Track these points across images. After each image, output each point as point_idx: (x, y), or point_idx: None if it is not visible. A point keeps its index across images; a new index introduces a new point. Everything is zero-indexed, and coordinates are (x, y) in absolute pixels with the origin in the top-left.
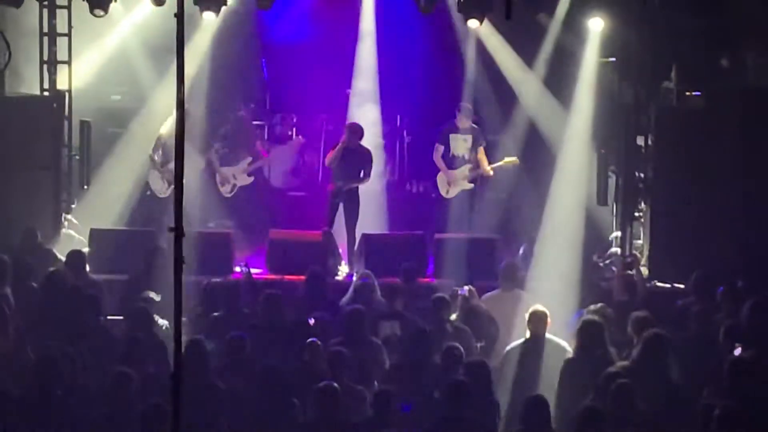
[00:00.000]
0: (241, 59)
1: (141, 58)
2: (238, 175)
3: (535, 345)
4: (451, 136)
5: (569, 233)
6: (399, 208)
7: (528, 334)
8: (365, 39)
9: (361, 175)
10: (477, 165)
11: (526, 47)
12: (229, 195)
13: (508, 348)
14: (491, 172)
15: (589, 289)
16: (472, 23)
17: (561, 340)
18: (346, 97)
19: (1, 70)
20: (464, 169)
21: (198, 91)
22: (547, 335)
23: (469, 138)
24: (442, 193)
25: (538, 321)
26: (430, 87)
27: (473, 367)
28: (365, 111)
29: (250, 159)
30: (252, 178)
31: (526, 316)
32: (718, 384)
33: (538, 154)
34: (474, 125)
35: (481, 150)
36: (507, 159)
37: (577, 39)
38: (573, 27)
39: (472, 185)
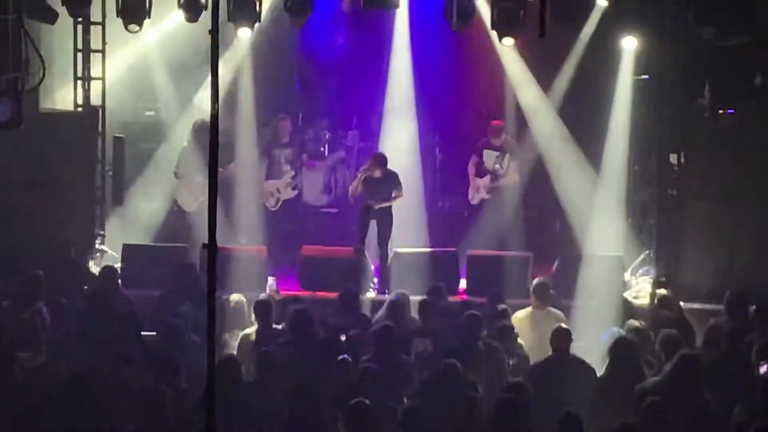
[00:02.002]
0: (274, 75)
1: (174, 74)
2: (282, 189)
3: (559, 362)
4: (485, 151)
5: (603, 250)
6: (431, 224)
7: (551, 352)
8: (398, 55)
9: (393, 194)
10: (496, 177)
11: (555, 64)
12: (274, 208)
13: (531, 365)
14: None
15: (622, 306)
16: (507, 41)
17: (584, 358)
18: (378, 114)
19: (36, 87)
20: (486, 180)
21: (233, 106)
22: (571, 353)
23: (501, 154)
24: (470, 198)
25: (561, 338)
26: (462, 104)
27: (514, 387)
28: (400, 126)
29: (293, 172)
30: (296, 192)
31: (549, 333)
32: (749, 403)
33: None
34: (506, 141)
35: (513, 165)
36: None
37: (608, 57)
38: (604, 45)
39: (488, 195)
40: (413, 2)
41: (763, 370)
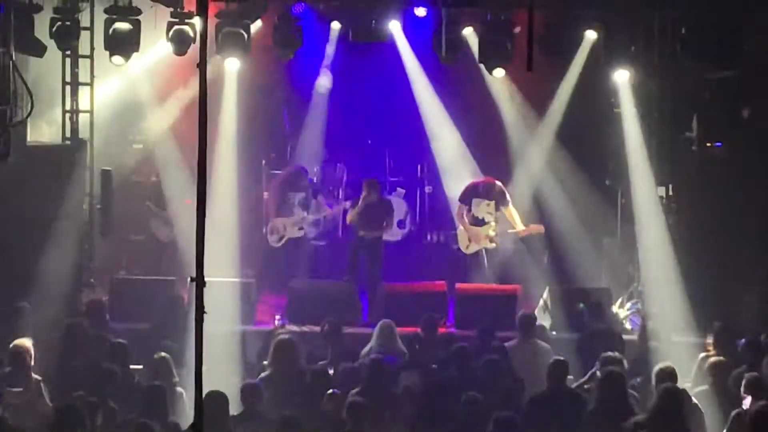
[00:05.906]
0: (262, 109)
1: (161, 106)
2: (288, 227)
3: (554, 396)
4: (474, 200)
5: (590, 282)
6: (419, 258)
7: (546, 385)
8: (388, 88)
9: (384, 225)
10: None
11: (547, 97)
12: (277, 245)
13: (529, 398)
14: (520, 235)
15: (610, 340)
16: (498, 72)
17: (580, 391)
18: (366, 146)
19: (24, 120)
20: (487, 229)
21: (220, 139)
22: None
23: (492, 203)
24: (462, 248)
25: (557, 372)
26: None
27: (502, 421)
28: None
29: (304, 214)
30: (303, 232)
31: (535, 365)
32: None
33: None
34: (497, 187)
35: (508, 209)
36: (533, 226)
37: (598, 90)
38: (594, 78)
39: (493, 245)
40: (404, 34)
41: (746, 403)
